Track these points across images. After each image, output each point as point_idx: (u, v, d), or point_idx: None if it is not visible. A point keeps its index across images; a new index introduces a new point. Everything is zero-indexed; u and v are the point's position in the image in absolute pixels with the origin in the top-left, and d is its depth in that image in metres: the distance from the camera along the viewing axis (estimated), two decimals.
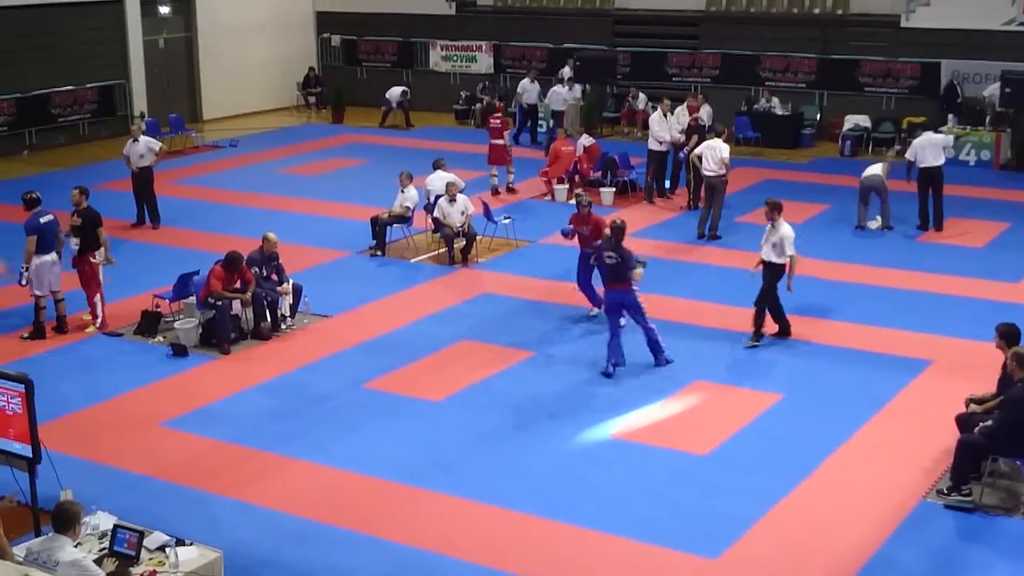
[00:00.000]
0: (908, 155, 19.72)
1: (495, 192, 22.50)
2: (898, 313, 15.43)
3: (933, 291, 16.39)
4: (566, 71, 28.36)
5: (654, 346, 13.84)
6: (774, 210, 14.53)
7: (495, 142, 22.74)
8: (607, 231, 14.30)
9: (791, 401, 12.77)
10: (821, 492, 10.79)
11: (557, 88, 27.65)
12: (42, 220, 14.71)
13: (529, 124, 27.98)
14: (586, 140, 23.03)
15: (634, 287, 13.75)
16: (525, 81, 28.07)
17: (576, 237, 15.54)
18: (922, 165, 19.37)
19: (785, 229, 14.40)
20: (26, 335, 14.83)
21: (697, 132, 20.89)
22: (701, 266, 17.75)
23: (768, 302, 14.47)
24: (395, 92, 30.39)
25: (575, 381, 13.46)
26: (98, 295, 15.33)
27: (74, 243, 15.15)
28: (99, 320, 15.27)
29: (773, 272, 14.41)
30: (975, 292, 16.21)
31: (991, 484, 10.57)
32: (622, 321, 13.79)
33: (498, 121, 23.01)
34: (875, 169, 19.50)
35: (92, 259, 15.27)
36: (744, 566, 9.46)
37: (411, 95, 30.67)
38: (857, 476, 11.06)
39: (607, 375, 13.50)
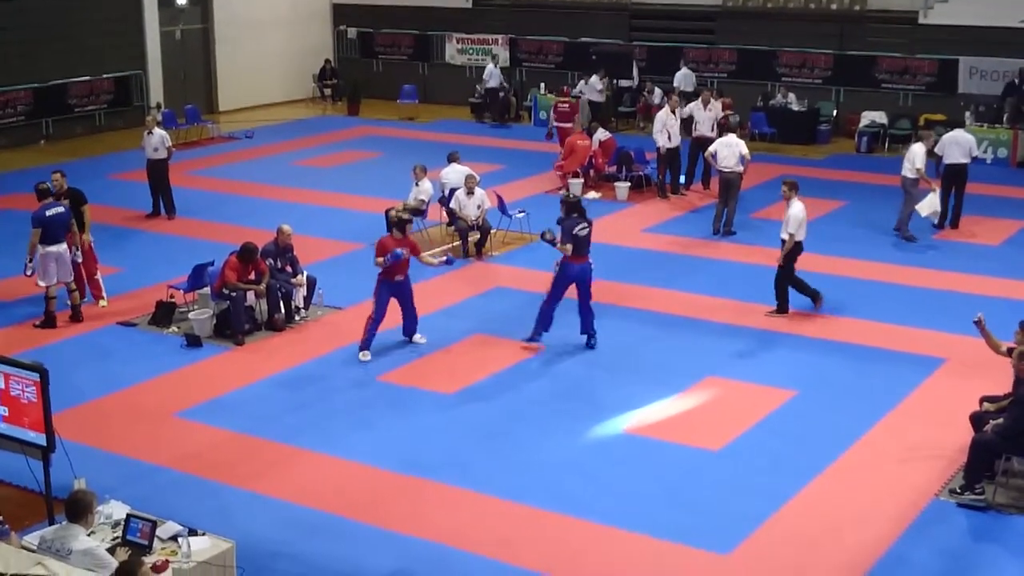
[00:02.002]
0: (937, 150, 19.62)
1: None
2: (913, 311, 15.39)
3: (948, 289, 16.34)
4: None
5: (589, 325, 14.11)
6: (792, 189, 15.07)
7: (562, 125, 24.26)
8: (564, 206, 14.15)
9: (804, 398, 12.75)
10: (834, 489, 10.77)
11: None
12: (48, 212, 14.76)
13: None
14: (602, 135, 22.99)
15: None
16: (594, 79, 27.66)
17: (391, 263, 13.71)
18: (948, 162, 19.27)
19: (794, 209, 14.89)
20: (37, 323, 14.91)
21: (731, 129, 20.82)
22: (715, 262, 17.72)
23: (778, 276, 15.08)
24: (495, 72, 29.81)
25: (588, 375, 13.46)
26: (98, 272, 15.73)
27: None
28: (106, 296, 15.68)
29: (792, 249, 14.90)
30: (990, 290, 16.14)
31: (1004, 483, 10.54)
32: None
33: (566, 105, 25.12)
34: (905, 167, 18.99)
35: (86, 236, 15.58)
36: (756, 562, 9.45)
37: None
38: (870, 474, 11.04)
39: (533, 341, 14.05)
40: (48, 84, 27.21)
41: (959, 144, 19.30)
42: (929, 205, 18.34)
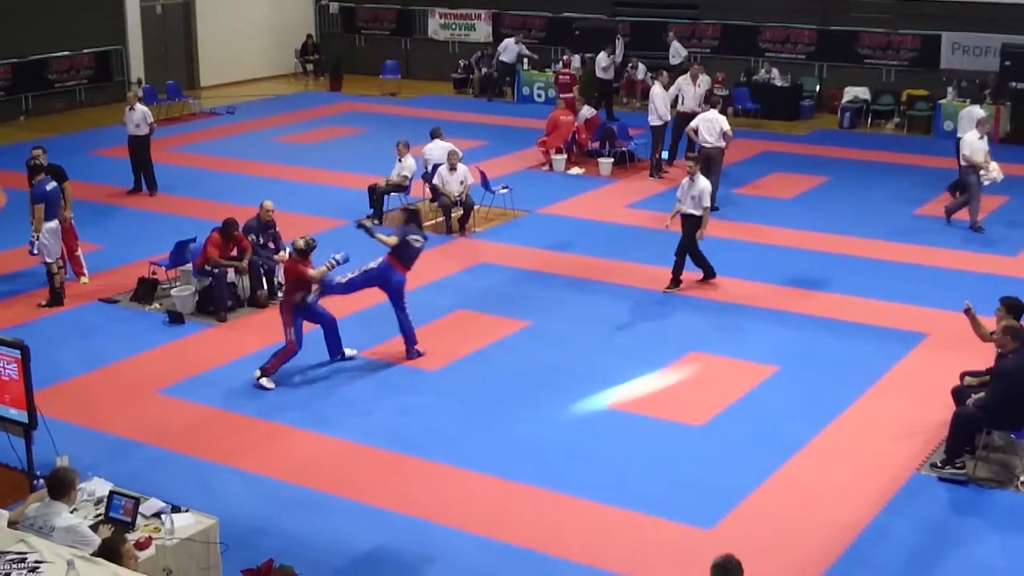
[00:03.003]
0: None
1: None
2: (895, 286, 15.43)
3: (930, 264, 16.39)
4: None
5: (408, 334, 13.20)
6: (697, 163, 15.31)
7: (564, 96, 24.31)
8: (404, 215, 13.37)
9: (787, 373, 12.78)
10: (816, 464, 10.82)
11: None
12: (48, 187, 14.70)
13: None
14: (588, 112, 22.93)
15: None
16: (601, 55, 27.15)
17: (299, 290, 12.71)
18: (959, 135, 19.36)
19: (704, 183, 15.10)
20: (43, 303, 14.82)
21: (713, 105, 20.77)
22: None
23: (690, 251, 15.22)
24: (512, 47, 29.29)
25: (571, 351, 13.47)
26: (79, 248, 15.62)
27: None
28: (86, 272, 15.59)
29: (693, 224, 15.03)
30: (973, 265, 16.21)
31: (985, 457, 10.60)
32: None
33: (568, 77, 25.26)
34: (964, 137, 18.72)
35: (68, 214, 15.47)
36: (738, 537, 9.49)
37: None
38: (852, 448, 11.09)
39: (417, 355, 13.11)
40: (27, 59, 27.01)
41: (971, 119, 19.34)
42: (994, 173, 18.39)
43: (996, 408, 10.29)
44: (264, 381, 12.46)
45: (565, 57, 27.76)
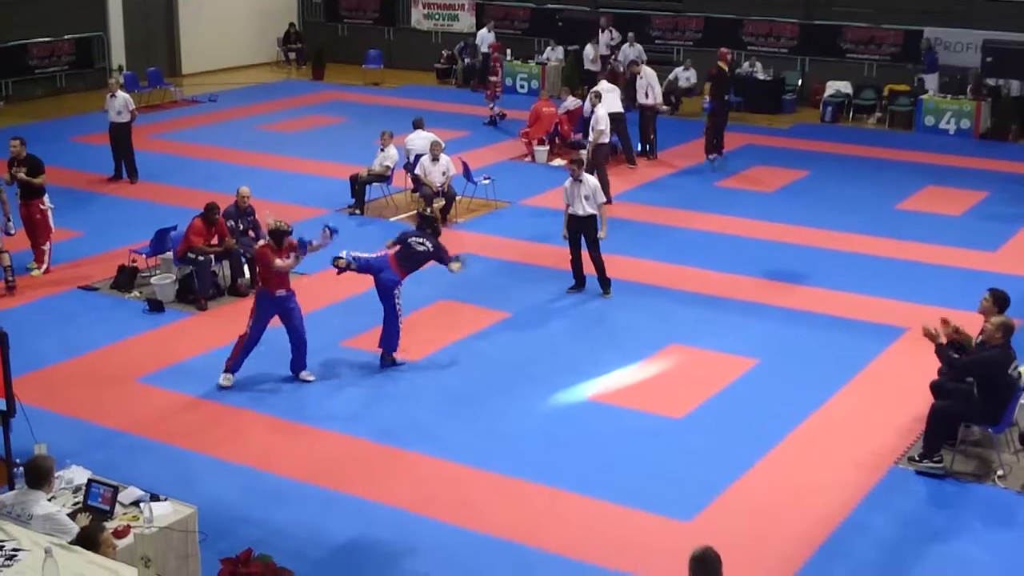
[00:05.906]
0: None
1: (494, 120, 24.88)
2: (875, 280, 15.48)
3: (910, 259, 16.44)
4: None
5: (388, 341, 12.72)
6: (581, 166, 14.84)
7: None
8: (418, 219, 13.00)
9: (766, 366, 12.82)
10: (794, 457, 10.86)
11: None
12: None
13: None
14: (571, 103, 22.89)
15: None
16: (588, 48, 26.93)
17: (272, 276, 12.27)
18: None
19: (593, 181, 14.77)
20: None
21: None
22: (679, 230, 17.75)
23: (592, 252, 14.70)
24: (487, 37, 28.87)
25: (552, 342, 13.49)
26: (49, 242, 15.48)
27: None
28: (45, 266, 15.42)
29: (591, 225, 14.61)
30: (952, 260, 16.28)
31: (963, 451, 10.65)
32: None
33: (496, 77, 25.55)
34: None
35: (42, 205, 15.40)
36: (716, 530, 9.51)
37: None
38: (830, 442, 11.13)
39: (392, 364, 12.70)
40: (7, 45, 26.83)
41: None
42: None
43: (973, 402, 10.33)
44: (222, 379, 12.17)
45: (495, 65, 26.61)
